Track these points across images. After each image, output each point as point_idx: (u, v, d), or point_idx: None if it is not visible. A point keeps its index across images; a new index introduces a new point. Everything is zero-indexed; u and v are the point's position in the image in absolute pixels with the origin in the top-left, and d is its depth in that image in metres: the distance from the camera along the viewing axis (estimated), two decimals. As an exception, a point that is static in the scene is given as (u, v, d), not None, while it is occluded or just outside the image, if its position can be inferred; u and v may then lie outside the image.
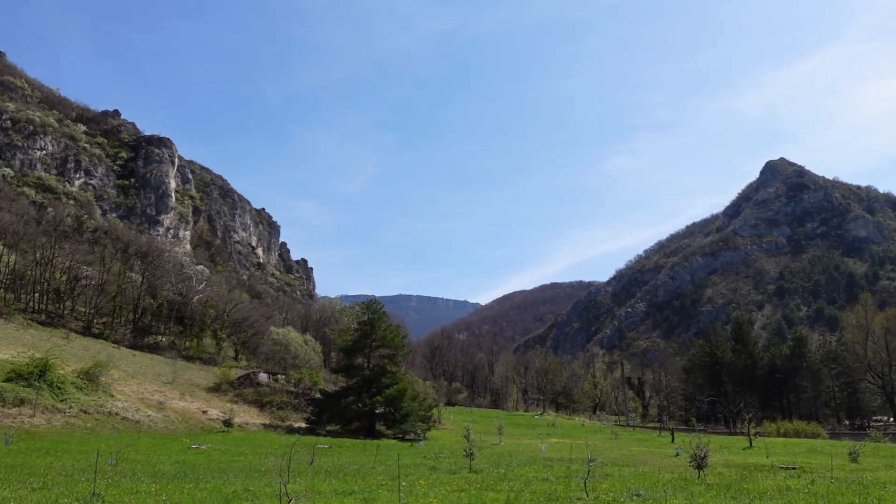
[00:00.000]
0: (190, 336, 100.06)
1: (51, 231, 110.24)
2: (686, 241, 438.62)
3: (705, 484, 22.02)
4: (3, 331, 67.85)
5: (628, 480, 23.42)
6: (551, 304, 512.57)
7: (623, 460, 36.49)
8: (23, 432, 38.22)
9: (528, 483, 22.55)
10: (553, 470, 28.37)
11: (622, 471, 28.15)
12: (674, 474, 25.85)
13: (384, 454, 40.72)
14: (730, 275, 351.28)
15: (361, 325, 68.52)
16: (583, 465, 26.96)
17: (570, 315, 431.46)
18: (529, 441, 61.76)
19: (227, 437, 48.63)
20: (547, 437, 66.75)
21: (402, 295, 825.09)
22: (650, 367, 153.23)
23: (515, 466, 30.95)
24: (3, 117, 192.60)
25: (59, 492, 18.41)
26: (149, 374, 67.64)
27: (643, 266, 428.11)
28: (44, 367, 47.47)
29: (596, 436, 72.09)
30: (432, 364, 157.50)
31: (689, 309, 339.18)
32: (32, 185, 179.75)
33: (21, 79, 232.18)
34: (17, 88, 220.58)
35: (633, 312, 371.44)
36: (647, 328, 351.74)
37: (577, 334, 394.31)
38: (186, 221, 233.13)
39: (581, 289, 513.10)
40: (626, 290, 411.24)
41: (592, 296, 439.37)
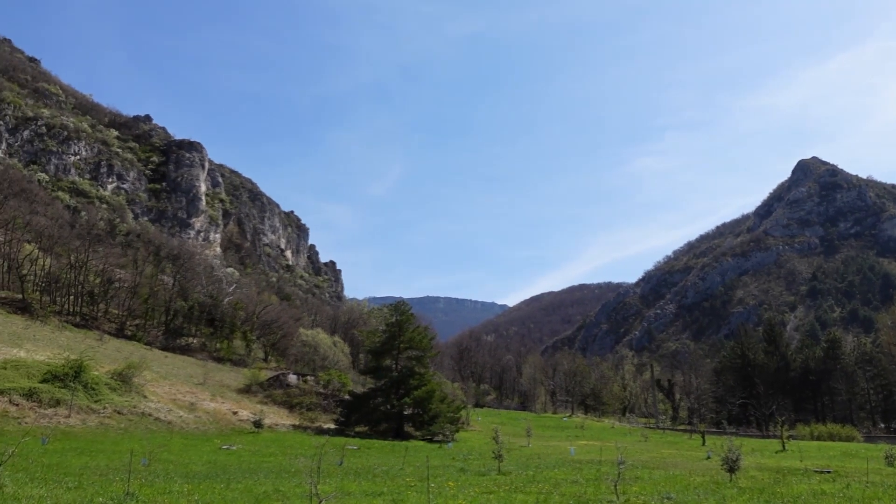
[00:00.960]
0: (220, 338, 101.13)
1: (85, 235, 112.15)
2: (716, 241, 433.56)
3: (737, 487, 21.76)
4: (40, 333, 69.15)
5: (659, 483, 23.23)
6: (579, 306, 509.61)
7: (653, 463, 36.18)
8: (59, 432, 38.91)
9: (557, 485, 22.46)
10: (582, 472, 28.23)
11: (652, 474, 27.91)
12: (705, 477, 25.58)
13: (413, 455, 40.79)
14: (761, 275, 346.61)
15: (389, 326, 68.73)
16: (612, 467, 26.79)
17: (598, 316, 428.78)
18: (558, 443, 61.47)
19: (257, 437, 49.09)
20: (576, 440, 66.38)
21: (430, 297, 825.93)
22: (680, 368, 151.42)
23: (544, 468, 30.83)
24: (38, 123, 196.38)
25: (94, 491, 18.72)
26: (180, 376, 68.51)
27: (672, 267, 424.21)
28: (79, 369, 48.32)
29: (625, 438, 71.55)
30: (460, 366, 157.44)
31: (720, 310, 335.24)
32: (67, 189, 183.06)
33: (55, 85, 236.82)
34: (52, 95, 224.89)
35: (663, 314, 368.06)
36: (676, 330, 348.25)
37: (605, 336, 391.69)
38: (216, 224, 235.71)
39: (609, 290, 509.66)
40: (655, 292, 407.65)
41: (621, 297, 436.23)
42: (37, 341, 62.97)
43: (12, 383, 44.88)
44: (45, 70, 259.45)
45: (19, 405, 42.71)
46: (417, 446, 52.58)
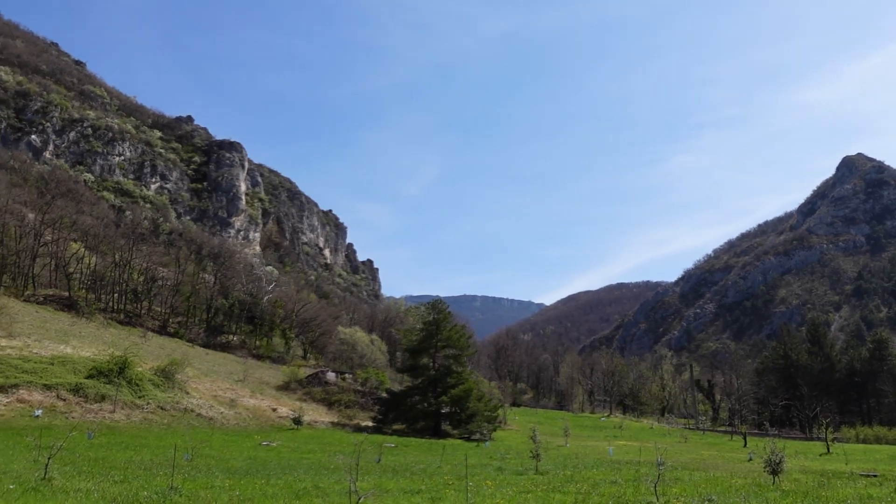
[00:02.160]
0: (260, 335, 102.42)
1: (129, 234, 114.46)
2: (758, 240, 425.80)
3: (780, 490, 21.39)
4: (85, 329, 70.76)
5: (699, 485, 22.94)
6: (617, 305, 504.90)
7: (693, 464, 35.74)
8: (104, 427, 39.79)
9: (595, 486, 22.32)
10: (621, 473, 28.01)
11: (693, 475, 27.58)
12: (747, 480, 25.19)
13: (450, 454, 40.87)
14: (804, 275, 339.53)
15: (427, 325, 68.91)
16: (652, 468, 26.53)
17: (636, 316, 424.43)
18: (596, 443, 61.06)
19: (296, 434, 49.62)
20: (614, 440, 65.83)
21: (467, 295, 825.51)
22: (720, 369, 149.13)
23: (582, 468, 30.66)
24: (84, 125, 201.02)
25: (139, 485, 19.12)
26: (221, 373, 69.55)
27: (712, 266, 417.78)
28: (123, 365, 49.38)
29: (664, 439, 70.76)
30: (497, 364, 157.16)
31: (761, 310, 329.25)
32: (111, 189, 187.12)
33: (101, 87, 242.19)
34: (97, 97, 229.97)
35: (703, 313, 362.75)
36: (716, 329, 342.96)
37: (643, 335, 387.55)
38: (256, 223, 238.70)
39: (648, 289, 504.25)
40: (694, 291, 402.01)
41: (660, 296, 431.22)
42: (83, 338, 64.45)
43: (59, 379, 46.05)
44: (90, 73, 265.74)
45: (66, 400, 43.79)
46: (455, 445, 52.66)
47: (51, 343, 56.98)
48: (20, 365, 46.96)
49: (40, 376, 45.63)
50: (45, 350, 53.76)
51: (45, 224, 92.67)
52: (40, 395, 43.07)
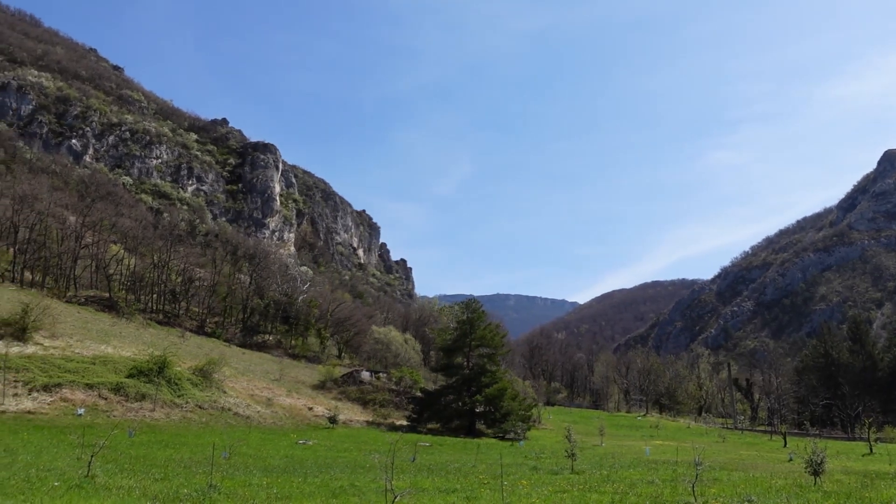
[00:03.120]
0: (295, 335, 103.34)
1: (167, 235, 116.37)
2: (796, 236, 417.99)
3: (822, 491, 21.01)
4: (126, 330, 72.08)
5: (738, 485, 22.62)
6: (652, 303, 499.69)
7: (732, 464, 35.27)
8: (144, 425, 40.52)
9: (632, 486, 22.14)
10: (658, 473, 27.75)
11: (731, 475, 27.21)
12: (787, 480, 24.78)
13: (485, 453, 40.86)
14: (845, 271, 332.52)
15: (460, 324, 68.97)
16: (689, 468, 26.24)
17: (672, 314, 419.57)
18: (632, 443, 60.56)
19: (332, 433, 50.01)
20: (650, 439, 65.26)
21: (500, 294, 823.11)
22: (759, 367, 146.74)
23: (619, 468, 30.44)
24: (122, 129, 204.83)
25: (179, 483, 19.44)
26: (257, 372, 70.33)
27: (750, 263, 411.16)
28: (162, 365, 50.27)
29: (702, 438, 69.94)
30: (531, 363, 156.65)
31: (801, 307, 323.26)
32: (149, 191, 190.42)
33: (138, 92, 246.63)
34: (135, 101, 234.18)
35: (740, 311, 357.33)
36: (754, 328, 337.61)
37: (679, 334, 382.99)
38: (290, 224, 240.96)
39: (684, 287, 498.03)
40: (731, 288, 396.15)
41: (696, 294, 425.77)
42: (123, 338, 65.66)
43: (101, 378, 46.99)
44: (128, 77, 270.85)
45: (108, 399, 44.68)
46: (489, 444, 52.64)
47: (92, 343, 58.14)
48: (63, 364, 48.02)
49: (82, 376, 46.62)
50: (86, 350, 54.88)
51: (86, 226, 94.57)
52: (83, 394, 44.01)
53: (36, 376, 44.32)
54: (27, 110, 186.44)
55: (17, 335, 51.66)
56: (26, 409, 40.30)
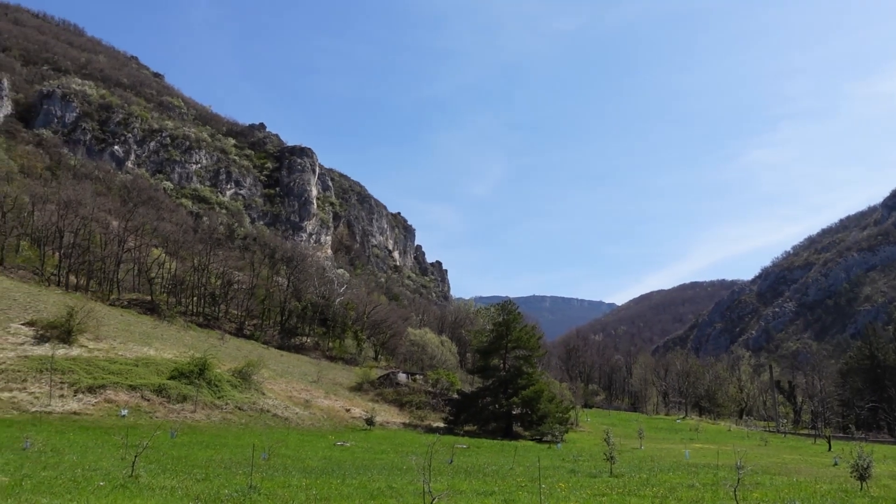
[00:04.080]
0: (332, 337, 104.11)
1: (206, 239, 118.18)
2: (840, 235, 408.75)
3: (869, 496, 20.53)
4: (167, 332, 73.31)
5: (781, 490, 22.20)
6: (691, 304, 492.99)
7: (775, 468, 34.64)
8: (185, 426, 41.17)
9: (672, 489, 21.88)
10: (699, 476, 27.36)
11: (774, 480, 26.72)
12: (832, 485, 24.26)
13: (522, 455, 40.71)
14: (891, 271, 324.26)
15: (497, 326, 68.85)
16: (731, 472, 25.86)
17: (711, 315, 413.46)
18: (671, 446, 59.81)
19: (369, 435, 50.26)
20: (690, 443, 64.38)
21: (536, 296, 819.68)
22: (801, 369, 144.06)
23: (658, 472, 30.09)
24: (163, 135, 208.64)
25: (220, 483, 19.71)
26: (295, 374, 70.99)
27: (792, 263, 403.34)
28: (203, 367, 51.05)
29: (743, 442, 68.82)
30: (568, 365, 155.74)
31: (845, 308, 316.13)
32: (189, 196, 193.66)
33: (178, 98, 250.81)
34: (175, 107, 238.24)
35: (782, 312, 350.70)
36: (796, 329, 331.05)
37: (719, 335, 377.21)
38: (327, 227, 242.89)
39: (723, 288, 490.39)
40: (773, 289, 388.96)
41: (736, 295, 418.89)
42: (164, 340, 66.79)
43: (144, 380, 47.87)
44: (168, 84, 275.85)
45: (150, 400, 45.50)
46: (527, 446, 52.44)
47: (135, 345, 59.24)
48: (107, 366, 49.02)
49: (126, 377, 47.54)
50: (129, 352, 55.95)
51: (129, 231, 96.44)
52: (126, 396, 44.87)
53: (81, 378, 45.31)
54: (71, 118, 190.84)
55: (62, 338, 52.88)
56: (72, 410, 41.22)
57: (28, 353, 48.33)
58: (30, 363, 45.73)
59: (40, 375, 44.09)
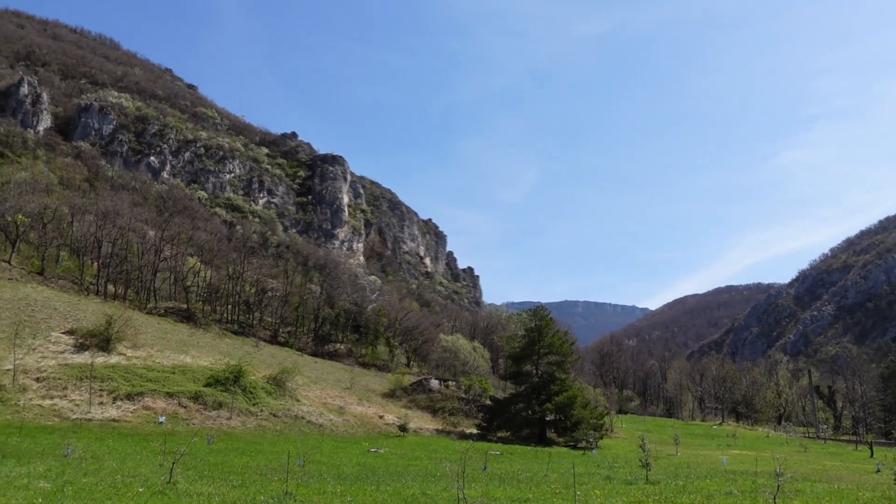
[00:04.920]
0: (365, 343, 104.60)
1: (240, 247, 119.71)
2: (879, 237, 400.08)
3: (913, 505, 20.06)
4: (202, 340, 74.28)
5: (822, 498, 21.78)
6: (727, 308, 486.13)
7: (815, 475, 34.00)
8: (221, 433, 41.64)
9: (709, 497, 21.58)
10: (737, 484, 26.95)
11: (815, 487, 26.22)
12: (875, 492, 23.73)
13: (556, 462, 40.46)
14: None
15: (529, 331, 68.58)
16: (770, 479, 25.44)
17: (748, 319, 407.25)
18: (708, 452, 59.02)
19: (402, 441, 50.35)
20: (727, 449, 63.47)
21: (568, 301, 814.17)
22: (841, 374, 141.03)
23: (695, 479, 29.71)
24: (197, 145, 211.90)
25: (256, 489, 19.90)
26: (329, 380, 71.43)
27: (830, 265, 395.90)
28: (238, 374, 51.62)
29: (782, 448, 67.62)
30: (601, 371, 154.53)
31: (886, 311, 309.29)
32: (223, 205, 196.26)
33: (211, 109, 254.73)
34: (209, 118, 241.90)
35: (820, 316, 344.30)
36: (836, 332, 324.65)
37: (756, 340, 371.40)
38: (359, 234, 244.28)
39: (759, 291, 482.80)
40: (810, 292, 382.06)
41: (772, 298, 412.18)
42: (200, 348, 67.67)
43: (180, 387, 48.54)
44: (202, 95, 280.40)
45: (187, 407, 46.12)
46: (561, 453, 52.11)
47: (172, 353, 60.12)
48: (145, 374, 49.83)
49: (163, 385, 48.26)
50: (166, 360, 56.80)
51: (165, 240, 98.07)
52: (163, 403, 45.54)
53: (120, 385, 46.11)
54: (108, 130, 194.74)
55: (101, 346, 53.89)
56: (111, 417, 41.95)
57: (68, 361, 49.33)
58: (70, 371, 46.65)
59: (80, 383, 44.96)
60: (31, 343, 51.31)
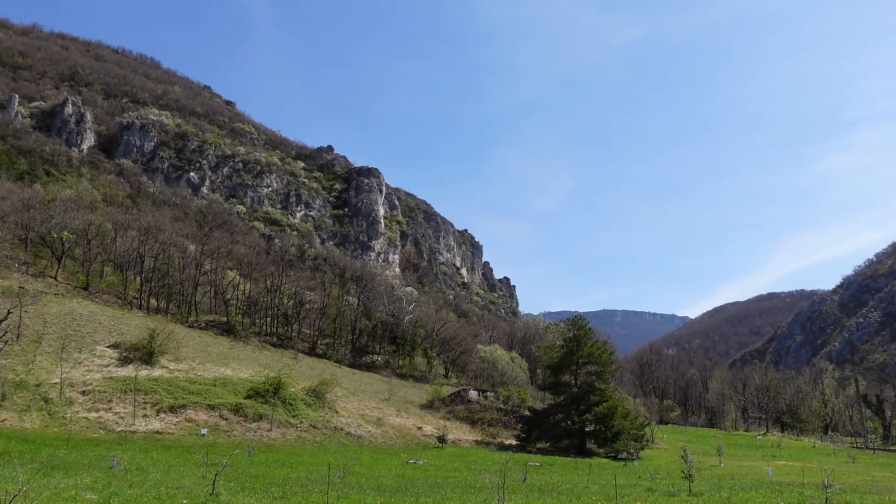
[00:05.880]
0: (402, 355, 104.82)
1: (278, 260, 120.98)
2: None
3: (969, 517, 19.41)
4: (242, 352, 75.14)
5: (872, 510, 21.22)
6: (769, 316, 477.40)
7: (864, 487, 33.11)
8: (262, 445, 42.01)
9: (754, 509, 21.16)
10: (783, 496, 26.38)
11: (864, 499, 25.54)
12: (928, 505, 23.05)
13: (597, 473, 40.03)
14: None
15: (567, 341, 68.15)
16: (817, 491, 24.86)
17: (791, 327, 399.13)
18: (752, 463, 57.87)
19: (441, 452, 50.26)
20: (772, 460, 62.17)
21: (606, 310, 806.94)
22: (890, 382, 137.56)
23: (739, 490, 29.15)
24: (235, 160, 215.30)
25: (297, 501, 20.04)
26: (367, 392, 71.66)
27: (875, 271, 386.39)
28: (278, 386, 52.12)
29: (829, 459, 66.00)
30: (641, 381, 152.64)
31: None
32: (261, 219, 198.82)
33: (249, 124, 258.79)
34: (246, 133, 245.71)
35: (866, 322, 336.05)
36: (883, 340, 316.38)
37: (800, 348, 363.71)
38: (395, 246, 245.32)
39: (802, 298, 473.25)
40: (855, 298, 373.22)
41: (816, 305, 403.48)
42: (240, 360, 68.45)
43: (221, 399, 49.16)
44: (239, 111, 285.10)
45: (228, 419, 46.67)
46: (601, 464, 51.55)
47: (212, 365, 60.92)
48: (187, 386, 50.56)
49: (204, 397, 48.93)
50: (207, 372, 57.57)
51: (205, 254, 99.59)
52: (205, 415, 46.15)
53: (163, 398, 46.85)
54: (149, 147, 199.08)
55: (145, 359, 54.84)
56: (155, 429, 42.63)
57: (113, 374, 50.30)
58: (115, 384, 47.56)
59: (124, 396, 45.80)
60: (77, 357, 52.41)
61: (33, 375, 46.19)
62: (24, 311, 53.79)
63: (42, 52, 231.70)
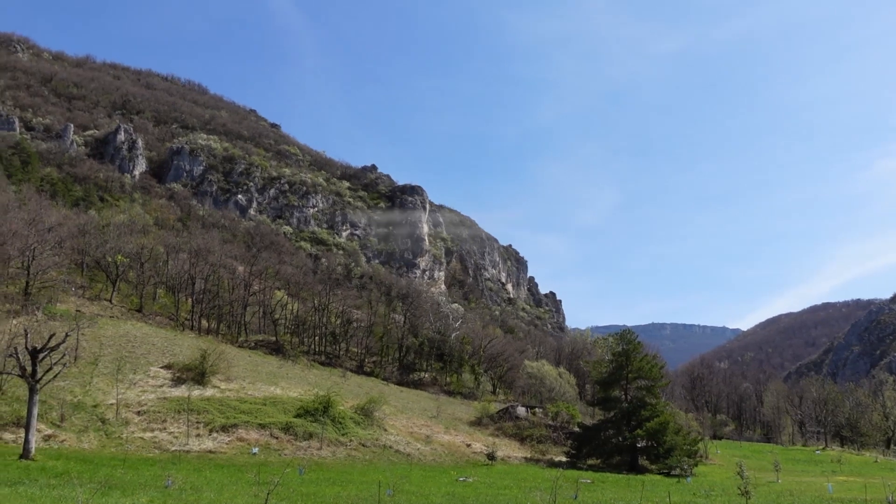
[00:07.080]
0: (450, 371, 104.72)
1: (325, 279, 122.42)
2: None
3: None
4: (291, 371, 75.96)
5: (940, 528, 20.43)
6: (824, 327, 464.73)
7: (931, 504, 31.87)
8: (312, 463, 42.34)
9: (815, 527, 20.56)
10: (844, 513, 25.59)
11: (931, 516, 24.61)
12: None
13: (650, 490, 39.36)
14: None
15: (616, 356, 67.35)
16: (880, 508, 24.03)
17: (848, 338, 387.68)
18: (811, 479, 56.24)
19: (490, 470, 49.98)
20: (832, 475, 60.28)
21: (655, 323, 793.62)
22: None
23: (798, 507, 28.36)
24: (281, 181, 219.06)
25: (349, 520, 20.13)
26: (415, 409, 71.74)
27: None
28: (327, 404, 52.55)
29: (893, 474, 63.75)
30: (692, 395, 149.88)
31: None
32: (308, 239, 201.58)
33: (294, 146, 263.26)
34: (292, 155, 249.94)
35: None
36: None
37: (858, 359, 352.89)
38: (440, 263, 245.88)
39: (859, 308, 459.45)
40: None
41: (874, 315, 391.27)
42: (289, 379, 69.19)
43: (272, 418, 49.73)
44: (284, 133, 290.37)
45: (278, 438, 47.18)
46: (654, 481, 50.66)
47: (262, 385, 61.70)
48: (238, 406, 51.31)
49: (255, 416, 49.57)
50: (258, 391, 58.33)
51: (253, 275, 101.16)
52: (256, 434, 46.74)
53: (215, 418, 47.61)
54: (198, 171, 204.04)
55: (197, 379, 55.85)
56: (207, 448, 43.31)
57: (167, 394, 51.32)
58: (168, 404, 48.51)
59: (178, 416, 46.67)
60: (132, 378, 53.63)
61: (90, 397, 47.38)
62: (82, 334, 55.23)
63: (95, 82, 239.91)
